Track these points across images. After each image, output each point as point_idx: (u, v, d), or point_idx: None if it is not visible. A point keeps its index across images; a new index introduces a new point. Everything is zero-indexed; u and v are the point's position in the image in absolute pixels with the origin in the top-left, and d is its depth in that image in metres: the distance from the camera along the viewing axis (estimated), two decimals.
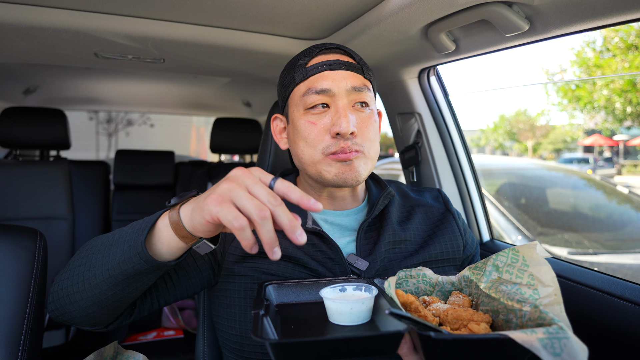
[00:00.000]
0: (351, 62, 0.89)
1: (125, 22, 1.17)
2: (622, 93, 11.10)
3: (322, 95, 0.86)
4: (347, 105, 0.86)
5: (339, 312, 0.67)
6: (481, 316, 0.65)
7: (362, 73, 0.90)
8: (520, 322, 0.61)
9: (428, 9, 0.96)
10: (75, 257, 0.79)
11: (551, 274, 0.65)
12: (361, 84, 0.88)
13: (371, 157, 0.89)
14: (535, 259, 0.67)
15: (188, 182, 2.90)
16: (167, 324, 2.31)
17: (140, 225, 0.70)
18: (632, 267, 2.50)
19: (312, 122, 0.87)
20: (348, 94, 0.86)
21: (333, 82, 0.86)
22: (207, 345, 1.05)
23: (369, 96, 0.89)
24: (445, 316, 0.66)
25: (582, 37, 12.81)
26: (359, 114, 0.87)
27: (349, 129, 0.83)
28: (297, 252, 0.87)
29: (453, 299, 0.75)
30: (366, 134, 0.87)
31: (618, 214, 3.22)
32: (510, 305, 0.63)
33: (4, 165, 2.22)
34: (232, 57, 1.48)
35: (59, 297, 0.76)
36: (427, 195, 1.06)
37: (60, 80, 2.59)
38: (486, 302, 0.70)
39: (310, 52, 0.91)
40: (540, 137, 23.01)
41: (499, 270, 0.71)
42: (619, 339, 0.94)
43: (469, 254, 1.02)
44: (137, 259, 0.67)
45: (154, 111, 3.94)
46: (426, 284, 0.79)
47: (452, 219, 1.00)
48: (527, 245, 0.70)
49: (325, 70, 0.87)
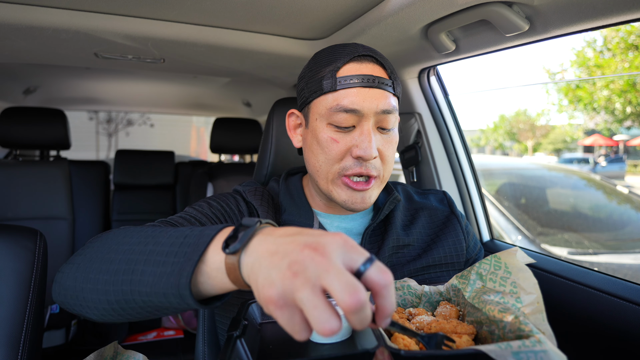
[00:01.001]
0: (384, 77, 0.83)
1: (125, 22, 1.17)
2: (622, 93, 11.11)
3: (351, 114, 0.80)
4: (372, 127, 0.82)
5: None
6: (464, 327, 0.63)
7: (392, 89, 0.84)
8: (502, 333, 0.59)
9: (428, 9, 0.96)
10: (91, 255, 0.65)
11: (533, 280, 0.63)
12: (390, 106, 0.82)
13: (385, 179, 0.88)
14: (516, 265, 0.66)
15: (188, 182, 2.90)
16: (167, 324, 2.31)
17: (182, 251, 0.54)
18: (632, 267, 2.50)
19: (336, 139, 0.82)
20: (376, 115, 0.81)
21: (364, 102, 0.80)
22: (207, 345, 1.05)
23: (395, 117, 0.85)
24: (429, 329, 0.64)
25: (583, 37, 12.81)
26: (383, 136, 0.84)
27: (372, 154, 0.79)
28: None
29: (440, 310, 0.73)
30: (386, 157, 0.84)
31: (618, 214, 3.22)
32: (493, 316, 0.61)
33: (4, 165, 2.22)
34: (232, 57, 1.48)
35: (67, 295, 0.64)
36: (432, 197, 1.06)
37: (60, 80, 2.59)
38: (471, 312, 0.68)
39: (341, 55, 0.83)
40: (540, 137, 23.01)
41: (482, 279, 0.70)
42: (619, 339, 0.94)
43: (470, 257, 1.01)
44: (178, 299, 0.52)
45: (154, 111, 3.94)
46: (412, 295, 0.77)
47: (457, 221, 1.00)
48: (507, 251, 0.68)
49: (357, 87, 0.80)
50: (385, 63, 0.85)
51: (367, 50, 0.85)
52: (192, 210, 0.89)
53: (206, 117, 14.04)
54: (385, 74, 0.84)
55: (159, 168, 2.89)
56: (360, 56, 0.83)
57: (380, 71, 0.83)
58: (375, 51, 0.86)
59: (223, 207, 0.91)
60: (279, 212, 0.95)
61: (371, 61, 0.83)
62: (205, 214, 0.88)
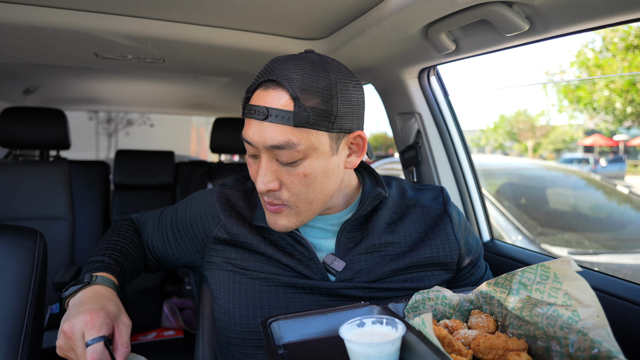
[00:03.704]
0: (280, 108, 0.75)
1: (125, 22, 1.17)
2: (622, 93, 11.10)
3: (249, 145, 0.80)
4: (267, 162, 0.79)
5: (367, 356, 0.59)
6: (516, 343, 0.60)
7: (293, 121, 0.74)
8: (567, 351, 0.54)
9: (428, 9, 0.95)
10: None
11: (590, 292, 0.58)
12: (280, 141, 0.75)
13: (302, 209, 0.83)
14: (568, 275, 0.61)
15: (188, 182, 2.90)
16: (167, 324, 2.31)
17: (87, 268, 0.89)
18: (632, 267, 2.50)
19: (250, 164, 0.85)
20: (268, 149, 0.77)
21: (253, 136, 0.78)
22: (207, 345, 1.05)
23: (292, 152, 0.76)
24: (477, 345, 0.61)
25: (582, 37, 12.82)
26: (287, 168, 0.79)
27: (262, 188, 0.79)
28: (268, 249, 0.90)
29: (475, 320, 0.69)
30: (292, 189, 0.80)
31: (618, 214, 3.22)
32: (552, 331, 0.57)
33: (4, 165, 2.22)
34: (232, 57, 1.48)
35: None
36: (427, 194, 1.02)
37: (60, 80, 2.58)
38: (516, 324, 0.63)
39: (255, 81, 0.80)
40: (540, 137, 23.01)
41: (527, 289, 0.64)
42: (619, 339, 0.94)
43: (474, 259, 0.99)
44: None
45: (154, 111, 3.94)
46: (445, 306, 0.73)
47: (449, 221, 0.96)
48: (559, 260, 0.63)
49: (252, 118, 0.78)
50: (293, 89, 0.74)
51: (277, 74, 0.76)
52: (168, 215, 1.06)
53: (206, 117, 14.04)
54: (290, 104, 0.75)
55: (159, 168, 2.89)
56: (267, 81, 0.77)
57: (282, 99, 0.75)
58: (285, 75, 0.76)
59: (191, 213, 1.01)
60: (256, 207, 0.97)
61: (277, 87, 0.76)
62: (173, 220, 1.04)
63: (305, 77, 0.76)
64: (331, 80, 0.77)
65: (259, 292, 0.89)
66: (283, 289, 0.88)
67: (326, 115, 0.76)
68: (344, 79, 0.80)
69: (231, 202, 0.97)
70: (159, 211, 1.09)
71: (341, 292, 0.88)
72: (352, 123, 0.81)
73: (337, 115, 0.78)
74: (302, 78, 0.75)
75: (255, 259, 0.91)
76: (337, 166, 0.83)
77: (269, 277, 0.89)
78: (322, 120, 0.76)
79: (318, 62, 0.79)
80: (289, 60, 0.79)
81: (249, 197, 1.00)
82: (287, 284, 0.88)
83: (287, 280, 0.88)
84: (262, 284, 0.89)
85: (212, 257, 0.96)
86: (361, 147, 0.87)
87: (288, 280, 0.88)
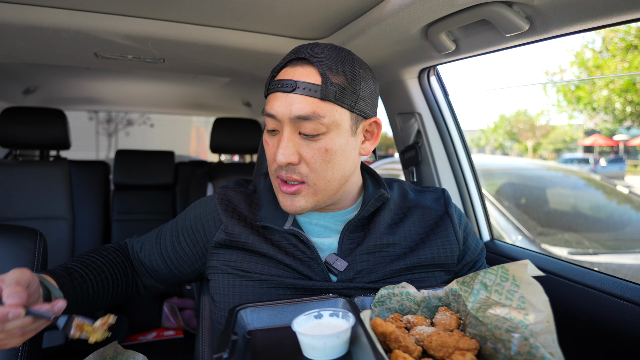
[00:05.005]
0: (310, 82, 0.80)
1: (125, 22, 1.17)
2: (622, 93, 11.10)
3: (272, 119, 0.83)
4: (291, 133, 0.82)
5: (312, 347, 0.63)
6: (467, 342, 0.61)
7: (320, 94, 0.79)
8: (509, 354, 0.55)
9: (428, 9, 0.96)
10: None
11: (543, 297, 0.59)
12: (306, 111, 0.79)
13: (319, 188, 0.85)
14: (525, 279, 0.62)
15: (188, 182, 2.90)
16: (167, 324, 2.31)
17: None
18: (632, 267, 2.50)
19: (268, 142, 0.88)
20: (292, 121, 0.80)
21: (278, 108, 0.81)
22: (207, 345, 1.05)
23: (316, 124, 0.80)
24: (430, 342, 0.62)
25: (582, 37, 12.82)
26: (307, 142, 0.82)
27: (282, 160, 0.81)
28: (269, 249, 0.90)
29: (440, 317, 0.70)
30: (311, 163, 0.82)
31: (618, 214, 3.21)
32: (500, 333, 0.58)
33: (4, 165, 2.22)
34: (232, 57, 1.48)
35: None
36: (429, 196, 1.02)
37: (60, 80, 2.59)
38: (474, 324, 0.64)
39: (283, 60, 0.86)
40: (540, 137, 23.02)
41: (487, 290, 0.66)
42: (619, 339, 0.94)
43: (470, 260, 0.99)
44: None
45: (154, 111, 3.94)
46: (410, 302, 0.75)
47: (449, 222, 0.96)
48: (516, 263, 0.65)
49: (278, 92, 0.82)
50: (322, 66, 0.80)
51: (306, 52, 0.83)
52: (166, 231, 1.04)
53: (206, 117, 14.04)
54: (318, 79, 0.80)
55: (159, 168, 2.89)
56: (295, 59, 0.84)
57: (310, 75, 0.81)
58: (314, 54, 0.82)
59: (193, 220, 1.00)
60: (258, 209, 0.97)
61: (305, 64, 0.82)
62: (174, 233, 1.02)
63: (332, 58, 0.82)
64: (355, 65, 0.84)
65: (259, 294, 0.89)
66: (283, 291, 0.88)
67: (350, 94, 0.82)
68: (365, 68, 0.87)
69: (232, 204, 0.97)
70: (156, 230, 1.07)
71: (342, 293, 0.88)
72: (369, 109, 0.87)
73: (359, 97, 0.83)
74: (329, 59, 0.82)
75: (256, 261, 0.91)
76: (353, 148, 0.87)
77: (269, 279, 0.89)
78: (346, 97, 0.82)
79: (343, 50, 0.86)
80: (316, 44, 0.86)
81: (251, 199, 1.00)
82: (287, 285, 0.88)
83: (287, 282, 0.88)
84: (263, 286, 0.89)
85: (212, 262, 0.95)
86: (375, 135, 0.91)
87: (289, 282, 0.88)
